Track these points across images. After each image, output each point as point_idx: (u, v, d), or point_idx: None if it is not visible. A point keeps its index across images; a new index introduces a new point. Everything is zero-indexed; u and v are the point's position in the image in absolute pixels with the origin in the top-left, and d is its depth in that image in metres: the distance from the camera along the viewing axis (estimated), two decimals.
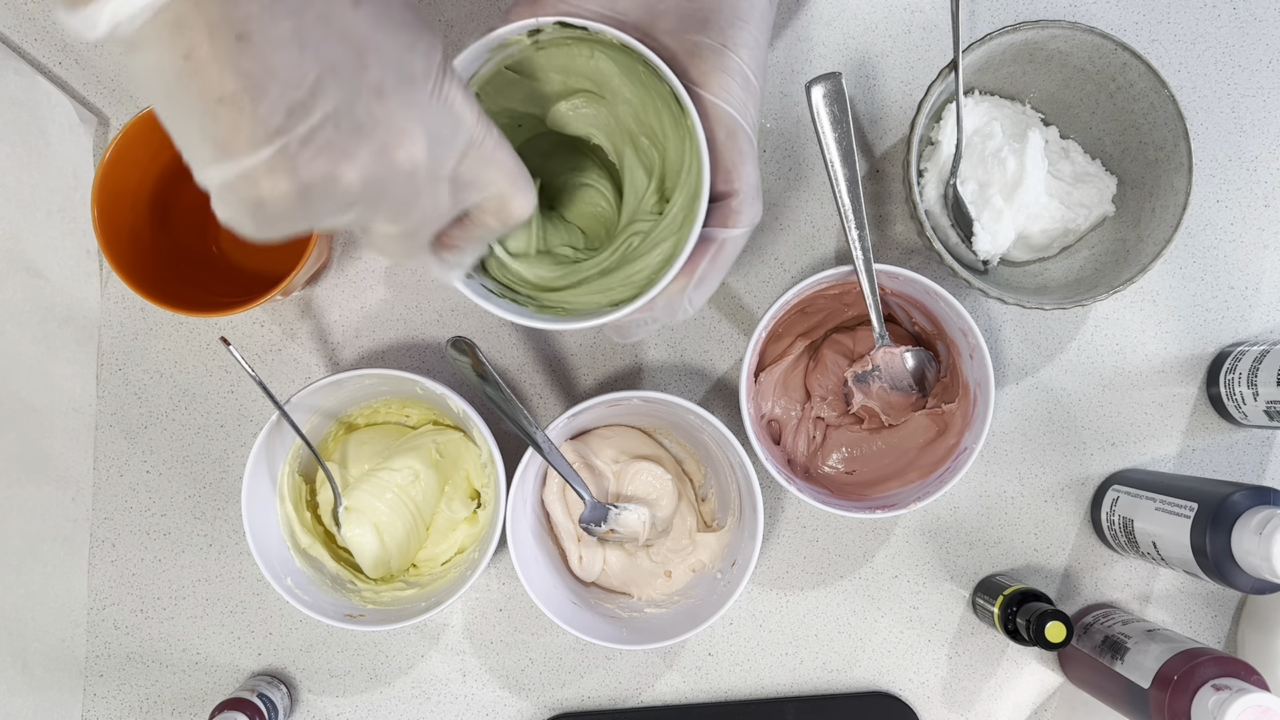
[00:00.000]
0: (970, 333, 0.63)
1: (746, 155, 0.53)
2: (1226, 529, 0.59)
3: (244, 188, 0.38)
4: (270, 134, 0.37)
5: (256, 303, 0.61)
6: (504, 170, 0.46)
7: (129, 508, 0.71)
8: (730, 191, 0.53)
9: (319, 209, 0.40)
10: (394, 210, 0.42)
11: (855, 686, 0.72)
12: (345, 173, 0.39)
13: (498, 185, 0.46)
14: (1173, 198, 0.64)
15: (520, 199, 0.48)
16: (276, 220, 0.40)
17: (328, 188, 0.39)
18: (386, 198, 0.41)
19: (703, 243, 0.53)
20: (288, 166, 0.38)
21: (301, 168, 0.38)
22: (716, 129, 0.52)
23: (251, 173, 0.38)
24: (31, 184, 0.67)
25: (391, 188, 0.41)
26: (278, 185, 0.38)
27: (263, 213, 0.39)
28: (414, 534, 0.67)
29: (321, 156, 0.38)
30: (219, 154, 0.38)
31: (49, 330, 0.68)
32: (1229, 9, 0.72)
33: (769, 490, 0.71)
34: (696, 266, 0.53)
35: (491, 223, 0.48)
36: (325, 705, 0.71)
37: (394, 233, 0.44)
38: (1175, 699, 0.59)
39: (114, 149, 0.60)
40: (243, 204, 0.39)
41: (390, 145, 0.39)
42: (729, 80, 0.53)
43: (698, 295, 0.54)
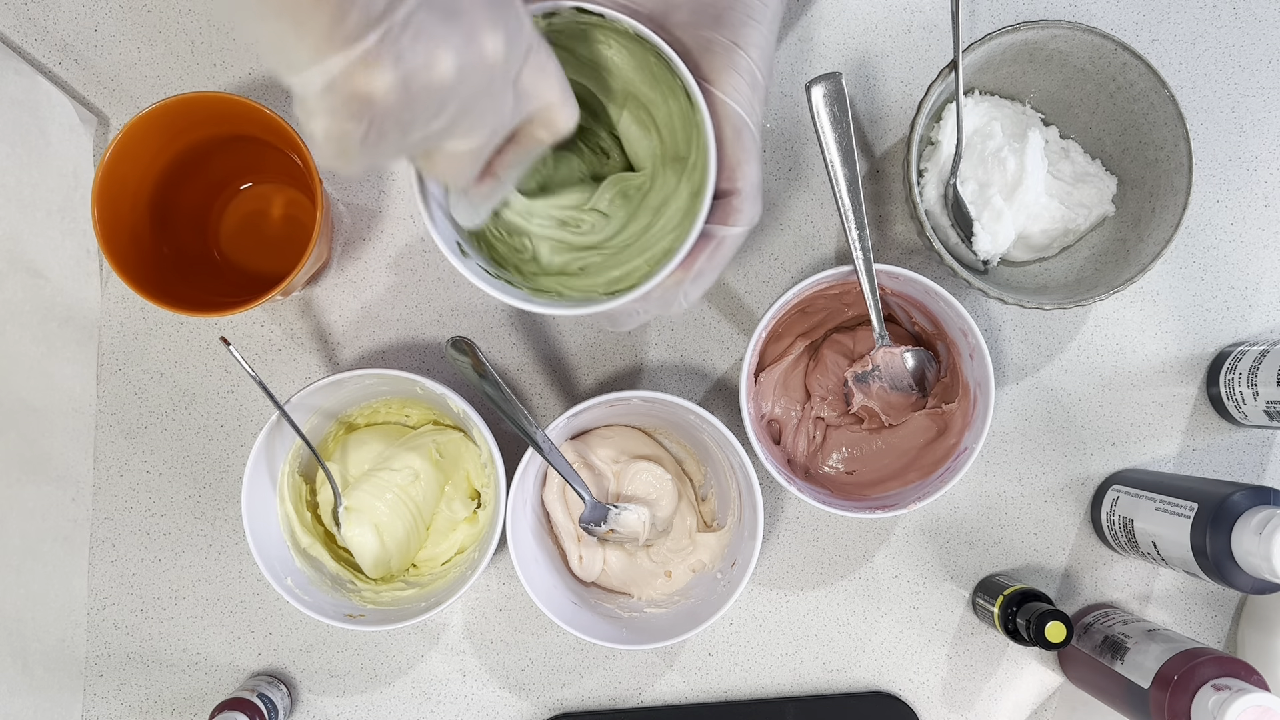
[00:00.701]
0: (970, 333, 0.63)
1: (750, 154, 0.54)
2: (1226, 529, 0.59)
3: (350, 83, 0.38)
4: (373, 20, 0.37)
5: (256, 303, 0.61)
6: (554, 80, 0.47)
7: (129, 508, 0.71)
8: (732, 190, 0.53)
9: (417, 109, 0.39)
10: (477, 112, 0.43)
11: (855, 686, 0.72)
12: (442, 59, 0.39)
13: (549, 94, 0.47)
14: (1173, 198, 0.64)
15: (568, 109, 0.48)
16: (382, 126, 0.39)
17: (428, 77, 0.39)
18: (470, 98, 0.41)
19: (702, 239, 0.53)
20: (392, 53, 0.37)
21: (405, 54, 0.38)
22: (724, 127, 0.53)
23: (356, 65, 0.37)
24: (31, 184, 0.67)
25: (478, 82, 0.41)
26: (383, 76, 0.38)
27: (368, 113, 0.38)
28: (414, 534, 0.67)
29: (421, 41, 0.38)
30: (320, 50, 0.37)
31: (49, 330, 0.68)
32: (1229, 9, 0.72)
33: (769, 490, 0.71)
34: (695, 261, 0.54)
35: (541, 134, 0.49)
36: (325, 705, 0.71)
37: (464, 149, 0.44)
38: (1175, 699, 0.59)
39: (114, 149, 0.60)
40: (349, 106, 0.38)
41: (477, 32, 0.40)
42: (739, 79, 0.53)
43: (694, 290, 0.55)
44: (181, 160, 0.65)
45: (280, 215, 0.70)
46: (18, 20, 0.69)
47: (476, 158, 0.46)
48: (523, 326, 0.71)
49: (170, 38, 0.70)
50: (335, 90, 0.38)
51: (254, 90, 0.70)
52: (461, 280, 0.71)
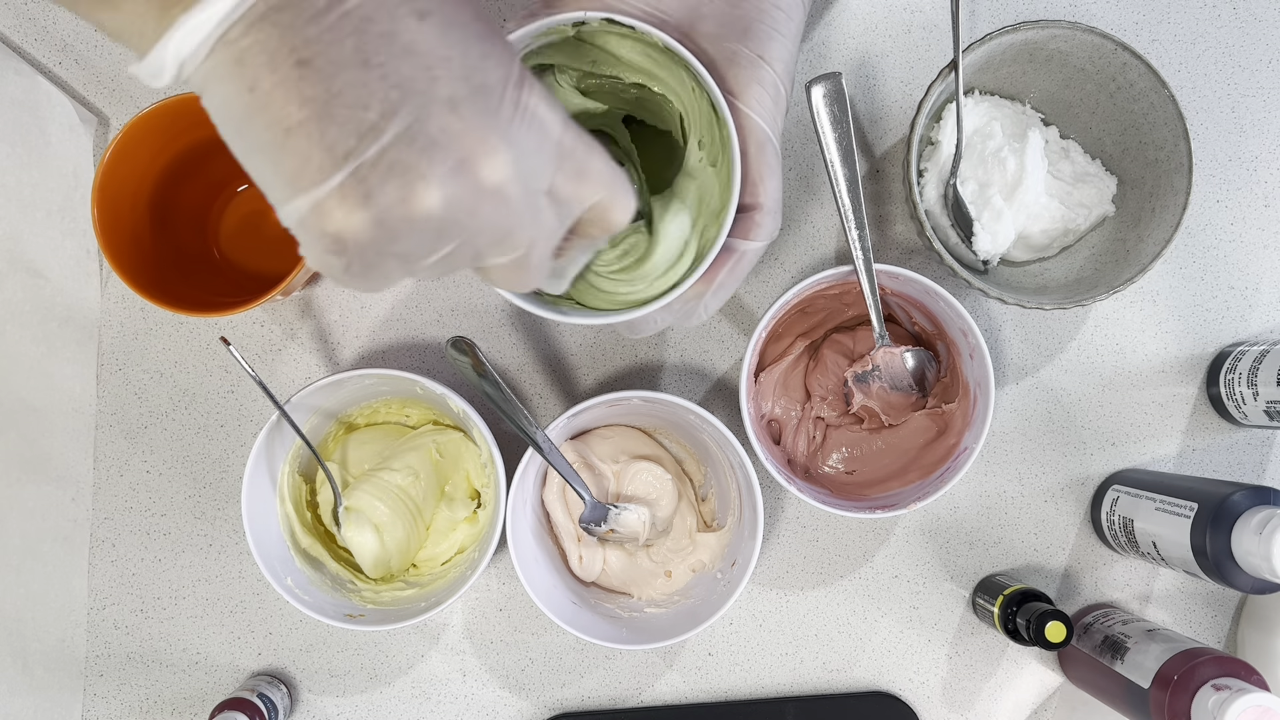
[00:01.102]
0: (970, 333, 0.63)
1: (773, 169, 0.54)
2: (1226, 529, 0.59)
3: (319, 222, 0.36)
4: (339, 159, 0.35)
5: (256, 303, 0.61)
6: (602, 179, 0.43)
7: (129, 508, 0.71)
8: (755, 205, 0.54)
9: (404, 241, 0.37)
10: (495, 236, 0.39)
11: (855, 686, 0.72)
12: (423, 195, 0.36)
13: (597, 194, 0.43)
14: (1173, 198, 0.64)
15: (621, 206, 0.45)
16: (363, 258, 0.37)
17: (406, 213, 0.36)
18: (481, 223, 0.38)
19: (724, 252, 0.54)
20: (360, 192, 0.35)
21: (375, 193, 0.35)
22: (747, 141, 0.53)
23: (324, 204, 0.36)
24: (31, 184, 0.67)
25: (482, 210, 0.38)
26: (351, 215, 0.36)
27: (344, 249, 0.37)
28: (414, 534, 0.67)
29: (394, 178, 0.35)
30: (291, 188, 0.36)
31: (49, 330, 0.68)
32: (1229, 9, 0.72)
33: (769, 490, 0.71)
34: (716, 274, 0.54)
35: (596, 233, 0.46)
36: (325, 705, 0.71)
37: (506, 262, 0.41)
38: (1175, 699, 0.59)
39: (114, 149, 0.60)
40: (322, 242, 0.37)
41: (470, 160, 0.37)
42: (763, 93, 0.53)
43: (714, 302, 0.55)
44: (181, 160, 0.65)
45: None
46: (18, 20, 0.69)
47: (526, 268, 0.42)
48: (523, 326, 0.71)
49: None
50: (309, 229, 0.37)
51: None
52: (461, 280, 0.71)
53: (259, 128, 0.35)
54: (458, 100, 0.36)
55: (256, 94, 0.35)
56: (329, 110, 0.35)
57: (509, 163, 0.38)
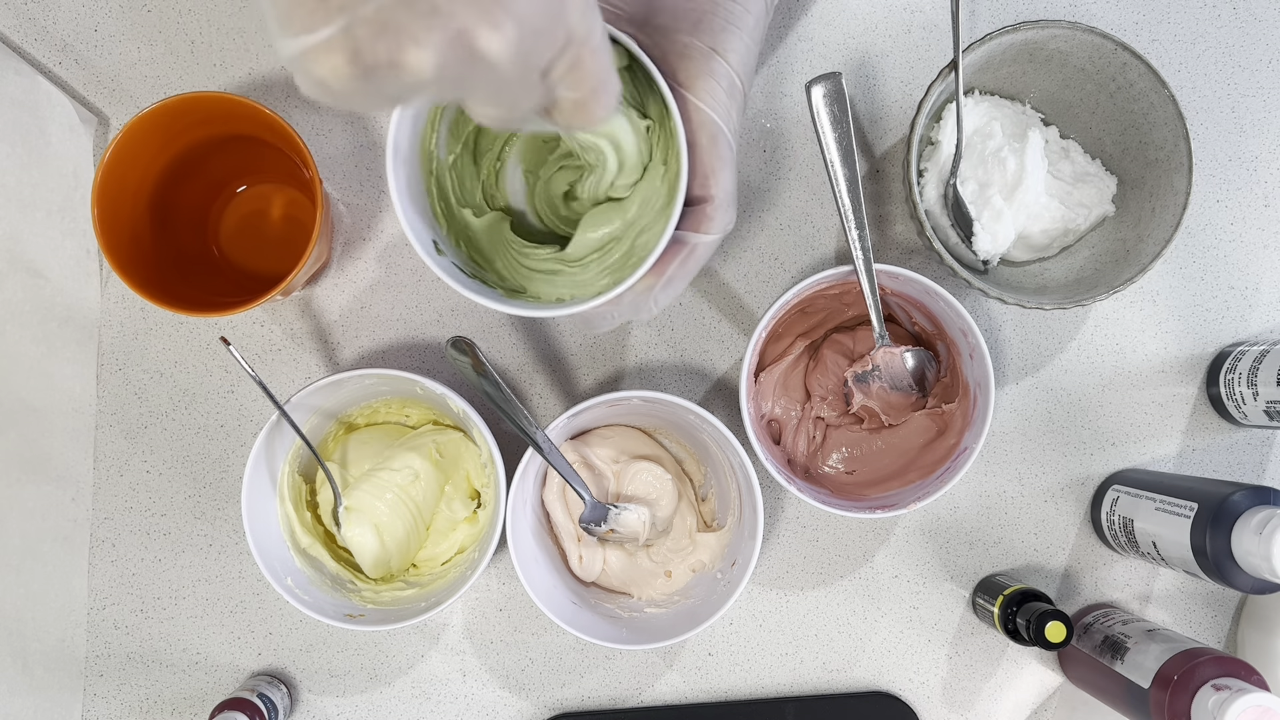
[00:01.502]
0: (970, 333, 0.63)
1: (725, 162, 0.53)
2: (1226, 529, 0.59)
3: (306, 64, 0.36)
4: (331, 11, 0.34)
5: (256, 303, 0.61)
6: (592, 74, 0.42)
7: (129, 508, 0.71)
8: (706, 197, 0.53)
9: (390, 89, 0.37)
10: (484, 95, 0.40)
11: (855, 686, 0.72)
12: (414, 59, 0.35)
13: (580, 89, 0.43)
14: (1173, 198, 0.64)
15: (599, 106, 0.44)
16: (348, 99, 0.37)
17: (393, 71, 0.36)
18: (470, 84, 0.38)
19: (674, 245, 0.54)
20: (349, 48, 0.35)
21: (364, 50, 0.35)
22: (699, 133, 0.52)
23: (312, 51, 0.35)
24: (31, 184, 0.67)
25: (473, 76, 0.37)
26: (338, 67, 0.35)
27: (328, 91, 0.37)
28: (414, 534, 0.67)
29: (386, 39, 0.35)
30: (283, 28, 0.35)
31: (49, 330, 0.68)
32: (1229, 9, 0.72)
33: (769, 490, 0.71)
34: (666, 268, 0.54)
35: (563, 121, 0.45)
36: (325, 705, 0.71)
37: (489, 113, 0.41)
38: (1175, 699, 0.59)
39: (114, 149, 0.60)
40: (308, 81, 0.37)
41: (470, 31, 0.36)
42: (715, 85, 0.53)
43: (664, 295, 0.55)
44: (181, 160, 0.65)
45: (280, 215, 0.70)
46: (18, 20, 0.69)
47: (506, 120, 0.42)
48: (523, 326, 0.71)
49: (170, 38, 0.70)
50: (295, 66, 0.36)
51: (254, 90, 0.70)
52: None
53: None
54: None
55: None
56: None
57: (511, 40, 0.36)
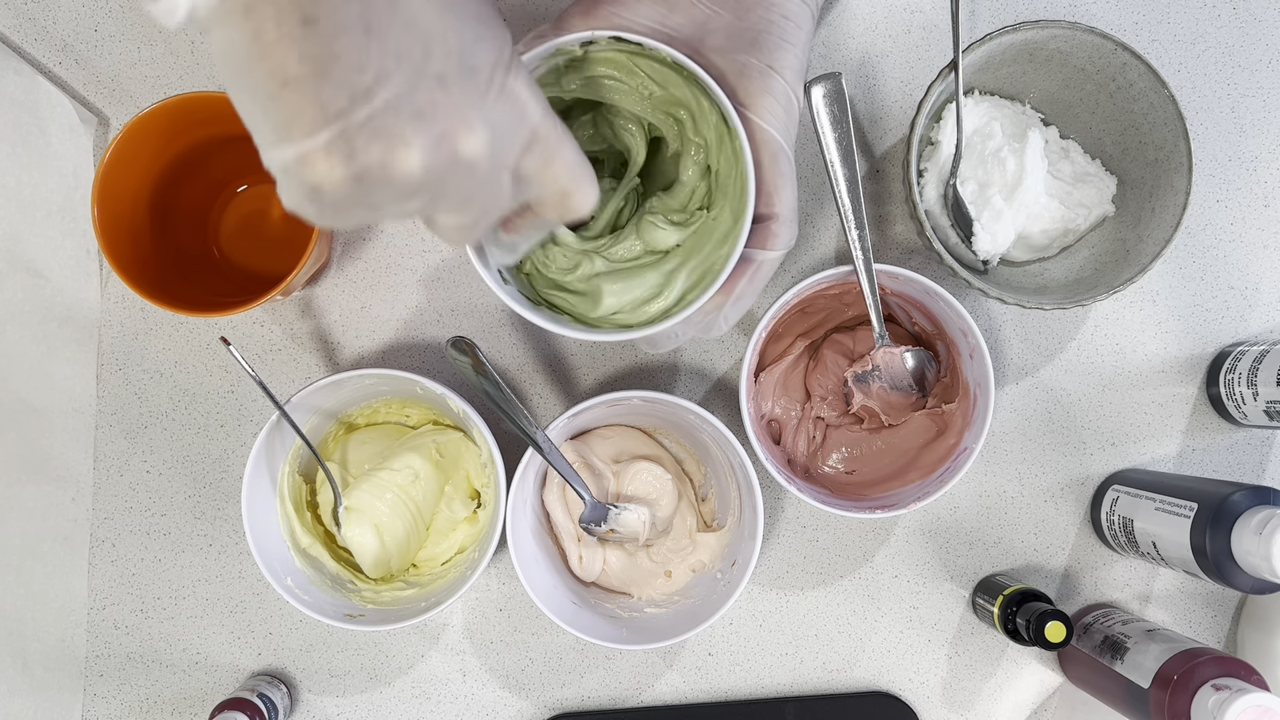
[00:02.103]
0: (970, 333, 0.63)
1: (787, 179, 0.54)
2: (1226, 529, 0.59)
3: (302, 171, 0.38)
4: (330, 118, 0.37)
5: (256, 303, 0.61)
6: (567, 166, 0.46)
7: (129, 508, 0.71)
8: (770, 215, 0.54)
9: (378, 198, 0.39)
10: (457, 201, 0.42)
11: (855, 686, 0.72)
12: (403, 160, 0.38)
13: (560, 181, 0.46)
14: (1173, 198, 0.64)
15: (582, 195, 0.48)
16: (337, 207, 0.39)
17: (385, 175, 0.38)
18: (448, 188, 0.41)
19: (742, 262, 0.54)
20: (345, 151, 0.37)
21: (359, 153, 0.38)
22: (761, 152, 0.53)
23: (309, 156, 0.37)
24: (31, 184, 0.67)
25: (452, 178, 0.40)
26: (334, 170, 0.38)
27: (321, 198, 0.39)
28: (414, 534, 0.67)
29: (379, 142, 0.38)
30: (280, 136, 0.38)
31: (49, 330, 0.68)
32: (1229, 9, 0.72)
33: (769, 490, 0.71)
34: (735, 285, 0.55)
35: (552, 216, 0.48)
36: (325, 705, 0.71)
37: (456, 223, 0.44)
38: (1175, 699, 0.59)
39: (114, 149, 0.60)
40: (301, 189, 0.39)
41: (450, 135, 0.39)
42: (774, 103, 0.54)
43: (733, 313, 0.56)
44: (181, 160, 0.65)
45: (280, 215, 0.70)
46: (18, 20, 0.69)
47: (472, 229, 0.45)
48: (523, 326, 0.71)
49: (170, 38, 0.70)
50: (290, 175, 0.38)
51: None
52: (461, 280, 0.71)
53: (258, 75, 0.37)
54: (447, 77, 0.39)
55: (259, 43, 0.36)
56: (326, 69, 0.36)
57: (485, 141, 0.40)
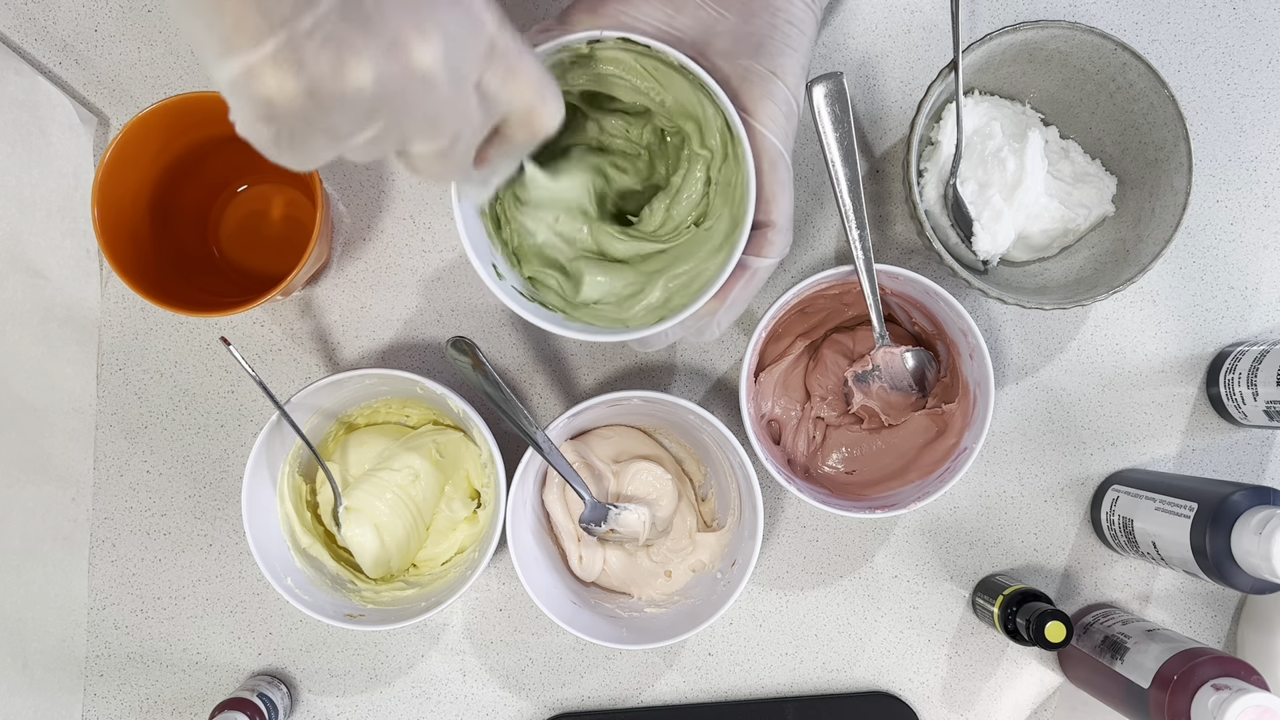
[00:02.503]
0: (970, 333, 0.63)
1: (785, 186, 0.54)
2: (1226, 529, 0.59)
3: (251, 85, 0.36)
4: (275, 25, 0.35)
5: (256, 303, 0.61)
6: (530, 80, 0.45)
7: (129, 508, 0.71)
8: (767, 222, 0.54)
9: (335, 117, 0.38)
10: (423, 122, 0.41)
11: (855, 686, 0.72)
12: (354, 70, 0.37)
13: (524, 96, 0.45)
14: (1173, 198, 0.64)
15: (548, 109, 0.46)
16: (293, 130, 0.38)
17: (337, 86, 0.37)
18: (409, 106, 0.39)
19: (737, 269, 0.54)
20: (293, 61, 0.36)
21: (308, 63, 0.36)
22: (760, 159, 0.53)
23: (256, 67, 0.36)
24: (31, 184, 0.67)
25: (410, 93, 0.39)
26: (284, 82, 0.36)
27: (274, 117, 0.37)
28: (414, 534, 0.67)
29: (327, 50, 0.36)
30: (225, 48, 0.36)
31: (49, 330, 0.68)
32: (1229, 9, 0.72)
33: (769, 490, 0.71)
34: (730, 291, 0.55)
35: (520, 136, 0.47)
36: (325, 705, 0.71)
37: (430, 150, 0.43)
38: (1175, 699, 0.59)
39: (114, 149, 0.60)
40: (252, 107, 0.37)
41: (401, 42, 0.38)
42: (775, 109, 0.53)
43: (726, 318, 0.56)
44: (181, 160, 0.65)
45: (280, 215, 0.70)
46: (18, 20, 0.69)
47: (449, 159, 0.44)
48: (523, 326, 0.71)
49: (170, 38, 0.70)
50: (240, 91, 0.37)
51: None
52: (461, 280, 0.71)
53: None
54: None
55: None
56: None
57: (439, 48, 0.39)
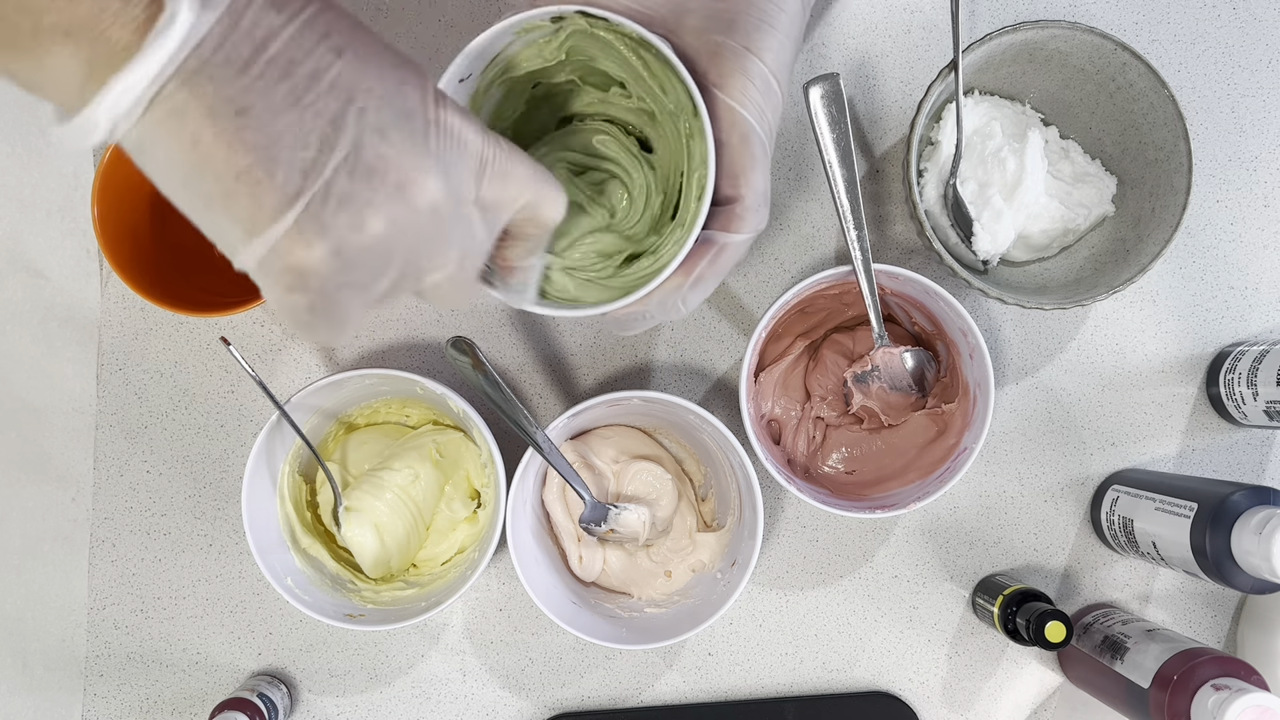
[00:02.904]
0: (970, 333, 0.63)
1: (758, 161, 0.53)
2: (1226, 529, 0.59)
3: (280, 261, 0.38)
4: (290, 198, 0.37)
5: (256, 303, 0.61)
6: (524, 179, 0.46)
7: (129, 508, 0.71)
8: (736, 196, 0.53)
9: (361, 270, 0.39)
10: (432, 252, 0.42)
11: (855, 686, 0.72)
12: (371, 219, 0.38)
13: (523, 195, 0.46)
14: (1173, 198, 0.64)
15: (550, 202, 0.47)
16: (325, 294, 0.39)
17: (359, 240, 0.38)
18: (419, 240, 0.40)
19: (703, 244, 0.53)
20: (315, 226, 0.37)
21: (329, 225, 0.37)
22: (729, 133, 0.52)
23: (283, 242, 0.37)
24: (31, 184, 0.67)
25: (420, 228, 0.40)
26: (311, 250, 0.37)
27: (306, 284, 0.38)
28: (414, 534, 0.67)
29: (345, 208, 0.38)
30: (247, 232, 0.37)
31: (49, 330, 0.68)
32: (1229, 9, 0.72)
33: (769, 490, 0.71)
34: (694, 267, 0.54)
35: (532, 232, 0.48)
36: (325, 705, 0.71)
37: (443, 278, 0.43)
38: (1175, 699, 0.59)
39: (114, 149, 0.60)
40: (284, 280, 0.38)
41: (406, 184, 0.39)
42: (748, 84, 0.53)
43: (693, 295, 0.55)
44: None
45: None
46: None
47: (461, 279, 0.44)
48: (523, 326, 0.71)
49: None
50: (269, 269, 0.38)
51: None
52: None
53: (207, 179, 0.37)
54: (385, 127, 0.39)
55: (200, 147, 0.36)
56: (273, 153, 0.36)
57: (440, 181, 0.40)
